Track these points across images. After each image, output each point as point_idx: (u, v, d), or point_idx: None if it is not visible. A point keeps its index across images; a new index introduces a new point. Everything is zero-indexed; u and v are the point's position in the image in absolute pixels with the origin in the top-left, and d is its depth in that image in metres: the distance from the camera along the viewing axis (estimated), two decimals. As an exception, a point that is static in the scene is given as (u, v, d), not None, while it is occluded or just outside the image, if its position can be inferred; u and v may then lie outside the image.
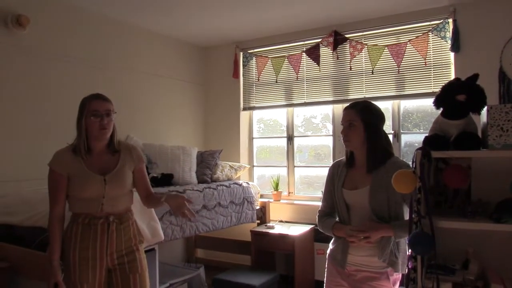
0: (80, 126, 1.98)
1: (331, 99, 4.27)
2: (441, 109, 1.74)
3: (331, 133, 4.39)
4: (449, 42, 3.63)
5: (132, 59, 4.10)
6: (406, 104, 4.04)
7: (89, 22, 3.68)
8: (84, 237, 1.97)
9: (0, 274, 2.37)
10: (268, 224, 4.17)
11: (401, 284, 1.90)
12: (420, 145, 1.72)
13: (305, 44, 4.38)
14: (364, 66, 4.06)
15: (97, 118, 1.97)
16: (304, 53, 4.37)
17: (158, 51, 4.43)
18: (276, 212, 4.39)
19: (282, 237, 3.84)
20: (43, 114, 3.28)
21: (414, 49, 3.80)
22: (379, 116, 1.97)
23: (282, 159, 4.71)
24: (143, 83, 4.22)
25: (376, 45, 3.98)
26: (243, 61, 4.79)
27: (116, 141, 2.10)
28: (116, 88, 3.76)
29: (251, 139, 4.91)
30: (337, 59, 4.19)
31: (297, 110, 4.61)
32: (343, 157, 2.10)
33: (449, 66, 3.68)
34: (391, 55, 3.90)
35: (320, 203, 2.14)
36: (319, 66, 4.28)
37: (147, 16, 3.88)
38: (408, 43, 3.82)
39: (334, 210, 2.07)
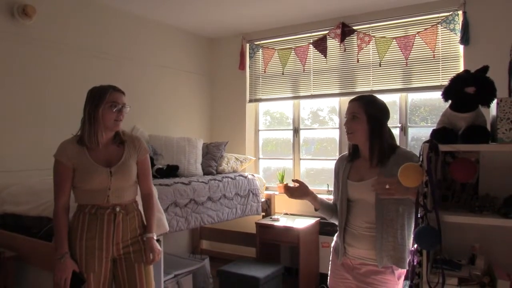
0: (96, 116, 1.96)
1: (338, 91, 4.23)
2: (450, 101, 1.71)
3: (337, 126, 4.36)
4: (459, 34, 3.57)
5: (138, 50, 4.09)
6: (414, 97, 4.00)
7: (95, 12, 3.67)
8: (91, 227, 1.98)
9: (8, 262, 2.39)
10: (273, 217, 4.17)
11: (405, 278, 1.89)
12: (428, 139, 1.69)
13: (312, 36, 4.34)
14: (371, 58, 4.01)
15: (115, 109, 1.99)
16: (311, 45, 4.33)
17: (164, 42, 4.41)
18: (281, 204, 4.38)
19: (287, 229, 3.85)
20: (48, 104, 3.29)
21: (422, 41, 3.75)
22: (383, 110, 1.94)
23: (288, 151, 4.70)
24: (149, 74, 4.21)
25: (384, 37, 3.93)
26: (249, 53, 4.76)
27: (121, 132, 2.11)
28: (122, 79, 3.76)
29: (257, 131, 4.90)
30: (344, 51, 4.15)
31: (303, 102, 4.59)
32: None
33: (458, 59, 3.62)
34: (399, 47, 3.85)
35: (325, 196, 2.18)
36: (326, 58, 4.24)
37: (154, 7, 3.86)
38: (417, 35, 3.77)
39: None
